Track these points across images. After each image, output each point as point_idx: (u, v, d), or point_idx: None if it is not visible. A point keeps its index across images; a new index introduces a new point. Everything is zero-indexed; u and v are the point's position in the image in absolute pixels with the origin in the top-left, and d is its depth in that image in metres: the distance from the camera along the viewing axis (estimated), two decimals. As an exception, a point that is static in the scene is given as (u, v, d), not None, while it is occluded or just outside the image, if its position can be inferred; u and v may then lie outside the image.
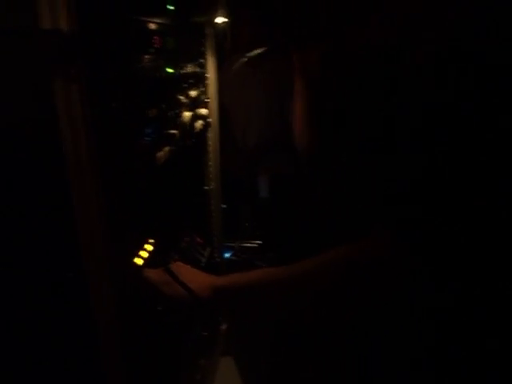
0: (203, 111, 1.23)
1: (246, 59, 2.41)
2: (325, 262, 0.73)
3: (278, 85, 2.34)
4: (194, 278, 0.86)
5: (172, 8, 0.92)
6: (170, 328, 1.00)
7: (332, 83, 0.97)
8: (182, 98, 1.05)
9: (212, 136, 1.34)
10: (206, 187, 1.39)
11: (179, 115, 1.03)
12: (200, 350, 1.25)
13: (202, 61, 1.23)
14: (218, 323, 1.47)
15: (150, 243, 1.07)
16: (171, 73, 0.96)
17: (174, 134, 0.94)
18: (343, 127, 0.91)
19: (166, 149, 0.92)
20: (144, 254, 1.01)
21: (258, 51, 1.15)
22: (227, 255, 2.06)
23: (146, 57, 0.83)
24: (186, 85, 1.09)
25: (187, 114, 1.05)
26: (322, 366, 1.09)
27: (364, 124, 0.87)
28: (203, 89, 1.24)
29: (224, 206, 2.29)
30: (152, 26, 0.84)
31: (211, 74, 1.30)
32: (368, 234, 0.69)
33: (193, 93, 1.13)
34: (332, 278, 0.71)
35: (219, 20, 1.16)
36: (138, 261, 0.94)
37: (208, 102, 1.29)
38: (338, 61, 0.95)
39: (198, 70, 1.19)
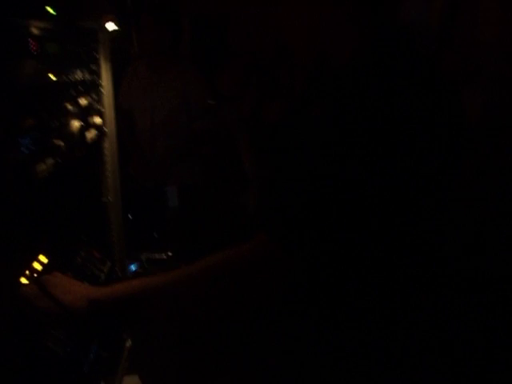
0: (97, 120, 1.17)
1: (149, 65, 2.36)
2: (206, 265, 0.73)
3: (185, 94, 2.32)
4: (70, 289, 0.82)
5: (52, 12, 0.87)
6: (60, 352, 0.93)
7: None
8: (69, 106, 0.99)
9: (108, 146, 1.28)
10: (103, 199, 1.33)
11: (66, 125, 0.97)
12: (99, 372, 1.18)
13: (94, 68, 1.17)
14: (120, 341, 1.40)
15: (40, 262, 1.00)
16: (54, 79, 0.90)
17: (58, 145, 0.88)
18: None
19: (49, 161, 0.86)
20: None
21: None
22: (134, 268, 1.99)
23: (21, 62, 0.77)
24: (74, 92, 1.03)
25: (76, 124, 1.00)
26: (232, 371, 1.09)
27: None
28: (96, 97, 1.18)
29: (130, 216, 2.21)
30: (27, 29, 0.78)
31: (106, 81, 1.24)
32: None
33: (83, 101, 1.07)
34: (216, 277, 0.72)
35: (109, 26, 1.11)
36: (23, 280, 0.88)
37: (103, 111, 1.23)
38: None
39: (89, 77, 1.13)
